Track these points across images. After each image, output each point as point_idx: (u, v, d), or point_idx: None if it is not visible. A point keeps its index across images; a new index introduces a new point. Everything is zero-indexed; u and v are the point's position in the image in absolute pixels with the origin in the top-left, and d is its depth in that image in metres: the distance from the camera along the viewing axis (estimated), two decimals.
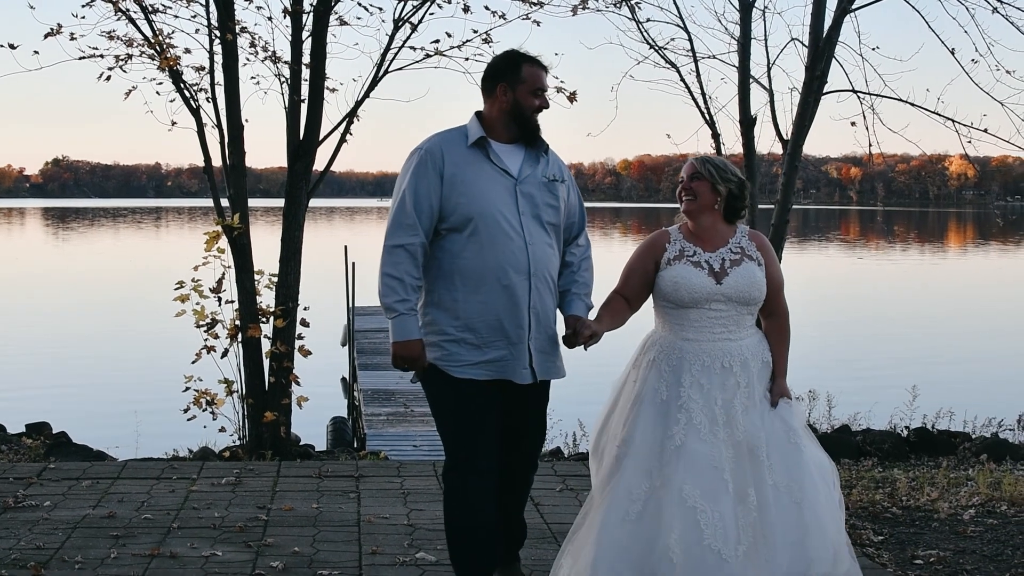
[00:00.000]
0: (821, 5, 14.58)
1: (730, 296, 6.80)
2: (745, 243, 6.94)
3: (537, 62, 6.92)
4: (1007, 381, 26.62)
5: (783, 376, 6.97)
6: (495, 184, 6.77)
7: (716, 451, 6.58)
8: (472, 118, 6.97)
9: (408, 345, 6.68)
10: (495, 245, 6.69)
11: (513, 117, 6.86)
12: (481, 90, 7.00)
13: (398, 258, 6.64)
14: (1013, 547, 8.88)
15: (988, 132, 14.72)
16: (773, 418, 6.76)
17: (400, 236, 6.67)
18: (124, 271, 62.13)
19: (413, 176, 6.71)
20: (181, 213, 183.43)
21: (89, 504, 9.50)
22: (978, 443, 14.35)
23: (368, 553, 8.31)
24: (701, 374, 6.77)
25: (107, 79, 13.93)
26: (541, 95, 6.91)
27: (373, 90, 14.17)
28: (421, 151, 6.80)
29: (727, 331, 6.85)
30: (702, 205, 6.92)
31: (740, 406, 6.71)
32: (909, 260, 77.94)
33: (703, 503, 6.46)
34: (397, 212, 6.71)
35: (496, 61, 6.99)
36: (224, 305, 13.47)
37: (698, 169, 6.96)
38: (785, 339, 7.07)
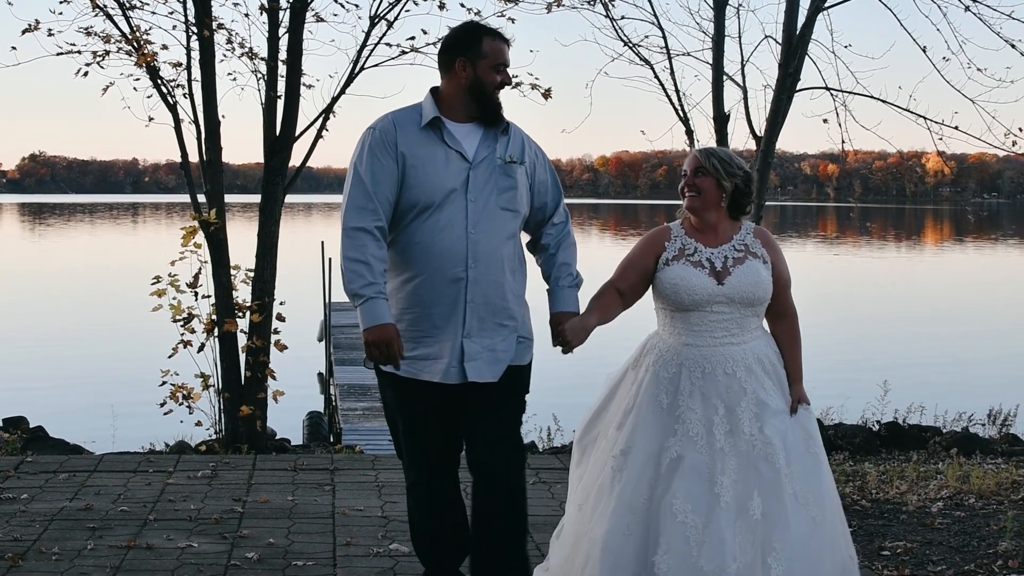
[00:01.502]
0: (794, 3, 14.65)
1: (732, 297, 6.45)
2: (750, 240, 6.59)
3: (499, 35, 6.50)
4: (978, 376, 26.79)
5: (799, 381, 6.60)
6: (447, 168, 6.37)
7: (712, 462, 6.26)
8: (427, 95, 6.56)
9: (381, 330, 6.20)
10: (431, 233, 6.31)
11: (472, 94, 6.44)
12: (438, 64, 6.60)
13: (361, 240, 6.22)
14: (979, 538, 8.98)
15: (959, 129, 14.78)
16: (792, 425, 6.40)
17: (359, 218, 6.25)
18: (101, 266, 62.03)
19: (368, 156, 6.35)
20: (158, 208, 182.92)
21: (66, 497, 9.55)
22: (948, 437, 14.44)
23: (342, 544, 8.37)
24: (702, 381, 6.43)
25: (84, 75, 13.99)
26: (503, 71, 6.50)
27: (349, 86, 14.24)
28: (374, 131, 6.42)
29: (730, 335, 6.49)
30: (707, 202, 6.54)
31: (747, 414, 6.34)
32: (883, 257, 78.13)
33: (693, 518, 6.16)
34: (354, 193, 6.31)
35: (454, 33, 6.57)
36: (200, 300, 13.54)
37: (702, 163, 6.55)
38: (796, 342, 6.70)
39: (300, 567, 7.86)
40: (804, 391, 6.58)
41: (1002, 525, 9.21)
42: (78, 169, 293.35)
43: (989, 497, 10.32)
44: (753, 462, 6.28)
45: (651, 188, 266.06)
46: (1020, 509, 9.86)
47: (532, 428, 15.77)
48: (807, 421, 6.47)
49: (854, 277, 59.15)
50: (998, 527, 9.22)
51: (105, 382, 26.10)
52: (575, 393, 18.25)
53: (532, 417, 14.74)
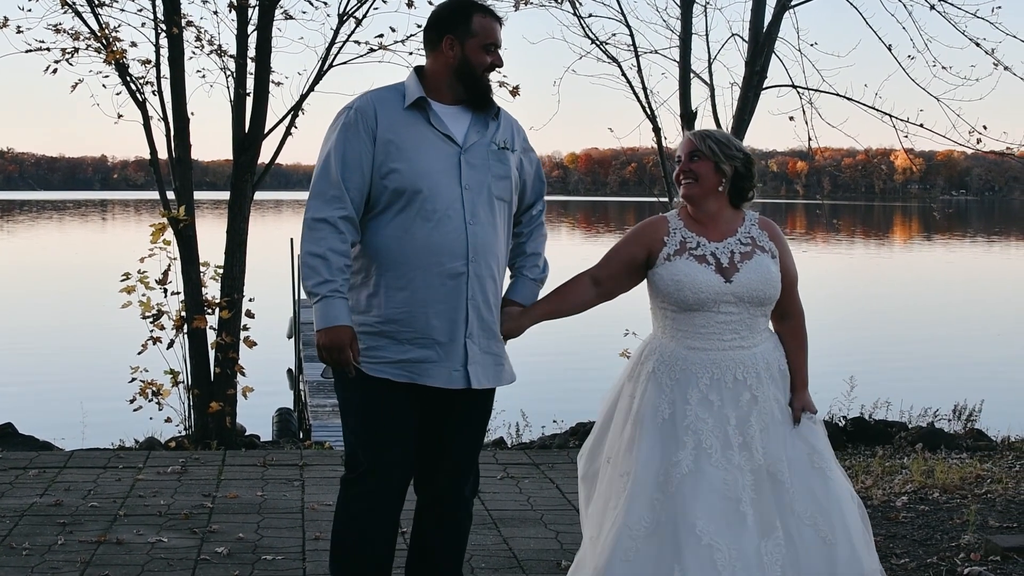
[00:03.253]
0: (761, 2, 14.72)
1: (742, 296, 5.91)
2: (756, 232, 6.05)
3: (491, 12, 5.99)
4: (943, 372, 26.95)
5: (805, 387, 6.07)
6: (436, 152, 5.84)
7: (732, 478, 5.75)
8: (410, 75, 6.05)
9: (334, 332, 5.66)
10: (428, 225, 5.76)
11: (460, 76, 5.92)
12: (424, 42, 6.08)
13: (320, 233, 5.69)
14: (942, 532, 9.06)
15: (925, 127, 14.86)
16: (795, 438, 5.92)
17: (323, 208, 5.73)
18: (70, 263, 61.84)
19: (341, 138, 5.81)
20: (127, 205, 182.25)
21: (36, 493, 9.57)
22: (914, 432, 14.51)
23: (311, 539, 8.43)
24: (710, 389, 5.88)
25: (54, 72, 14.02)
26: (494, 51, 5.96)
27: (318, 84, 14.30)
28: (350, 110, 5.87)
29: (739, 337, 5.95)
30: (705, 188, 5.99)
31: (757, 425, 5.85)
32: (850, 254, 78.36)
33: (719, 540, 5.62)
34: (320, 181, 5.79)
35: (442, 9, 6.02)
36: (170, 297, 13.56)
37: (697, 146, 6.01)
38: (804, 344, 6.17)
39: (269, 561, 7.91)
40: (810, 399, 6.09)
41: (965, 519, 9.30)
42: (46, 166, 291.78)
43: (953, 491, 10.40)
44: (766, 479, 5.81)
45: (621, 185, 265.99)
46: (983, 503, 9.96)
47: (501, 424, 15.84)
48: (810, 433, 5.98)
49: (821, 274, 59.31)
50: (961, 521, 9.31)
51: (74, 379, 26.06)
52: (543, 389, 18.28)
53: (501, 413, 14.86)
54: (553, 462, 10.97)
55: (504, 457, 11.25)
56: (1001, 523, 9.30)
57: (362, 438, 5.98)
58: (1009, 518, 9.48)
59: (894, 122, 14.98)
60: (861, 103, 14.86)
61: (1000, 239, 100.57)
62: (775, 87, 15.22)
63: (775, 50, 14.85)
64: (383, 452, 5.94)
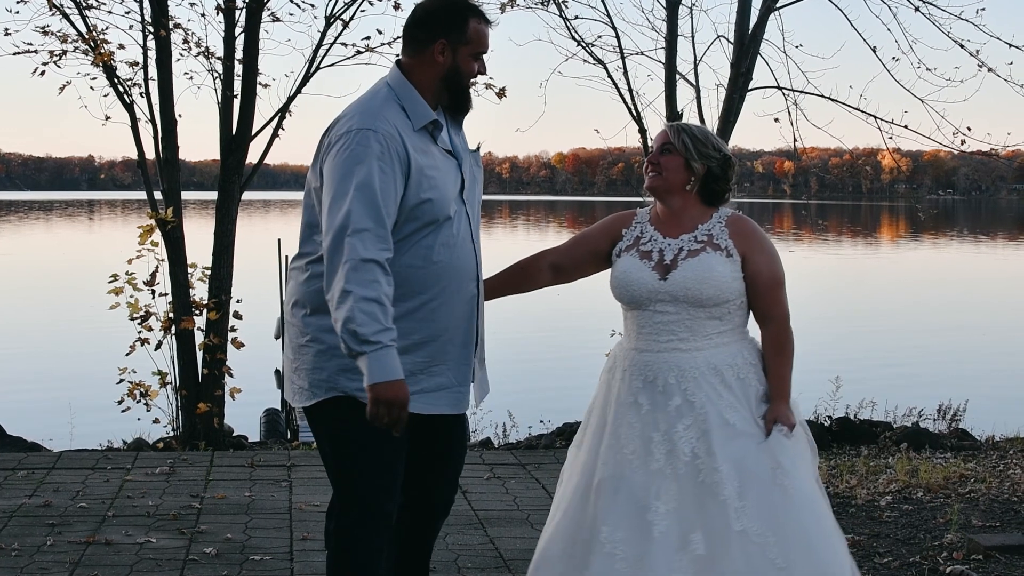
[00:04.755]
0: (746, 3, 14.77)
1: (676, 295, 5.63)
2: (717, 229, 5.71)
3: (484, 17, 5.56)
4: (928, 372, 26.98)
5: (780, 398, 5.65)
6: (448, 172, 5.48)
7: (647, 484, 5.50)
8: (400, 80, 5.51)
9: (398, 387, 5.12)
10: (448, 249, 5.41)
11: (448, 84, 5.50)
12: (407, 39, 5.58)
13: (372, 275, 5.08)
14: (926, 531, 9.13)
15: (909, 128, 14.94)
16: (760, 451, 5.51)
17: (370, 248, 5.10)
18: (57, 264, 61.74)
19: (377, 169, 5.18)
20: (115, 206, 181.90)
21: (25, 494, 9.61)
22: (899, 432, 14.57)
23: (299, 539, 8.49)
24: (641, 391, 5.66)
25: (42, 74, 14.04)
26: (481, 60, 5.58)
27: (305, 86, 14.33)
28: (377, 134, 5.23)
29: (676, 339, 5.66)
30: (670, 184, 5.75)
31: (688, 434, 5.53)
32: (837, 254, 78.40)
33: (622, 549, 5.44)
34: (362, 216, 5.12)
35: (435, 9, 5.51)
36: (158, 298, 13.58)
37: (671, 139, 5.76)
38: (782, 352, 5.74)
39: (257, 561, 7.96)
40: (787, 411, 5.65)
41: (948, 518, 9.36)
42: (33, 166, 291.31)
43: (937, 491, 10.47)
44: (694, 490, 5.48)
45: (608, 185, 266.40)
46: (966, 502, 10.03)
47: (488, 424, 15.85)
48: (778, 447, 5.51)
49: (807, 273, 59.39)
50: (944, 520, 9.38)
51: (63, 380, 25.99)
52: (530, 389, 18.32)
53: (488, 413, 14.90)
54: (539, 462, 11.01)
55: (491, 457, 11.30)
56: (984, 522, 9.37)
57: (367, 476, 5.49)
58: (992, 517, 9.55)
59: (879, 123, 15.04)
60: (846, 104, 14.92)
61: (987, 239, 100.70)
62: (760, 88, 15.28)
63: (760, 52, 14.90)
64: (387, 490, 5.53)
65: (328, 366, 5.40)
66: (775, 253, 5.81)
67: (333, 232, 5.15)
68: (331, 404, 5.45)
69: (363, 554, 5.54)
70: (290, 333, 5.59)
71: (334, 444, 5.58)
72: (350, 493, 5.57)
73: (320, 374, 5.43)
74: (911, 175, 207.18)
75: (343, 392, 5.39)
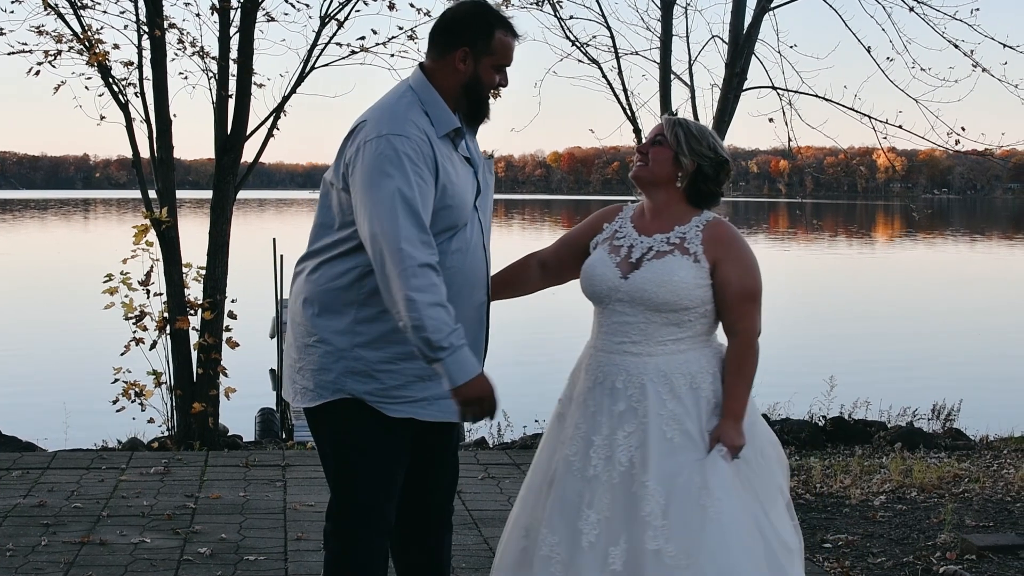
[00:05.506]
0: (741, 3, 14.78)
1: (633, 296, 5.39)
2: (692, 233, 5.43)
3: (512, 29, 5.44)
4: (923, 372, 27.01)
5: (729, 416, 5.31)
6: (466, 179, 5.41)
7: (583, 492, 5.35)
8: (423, 85, 5.41)
9: (478, 383, 5.11)
10: (461, 256, 5.34)
11: (468, 93, 5.41)
12: (432, 42, 5.46)
13: (431, 279, 5.04)
14: (919, 531, 9.16)
15: (904, 128, 14.99)
16: (694, 468, 5.21)
17: (422, 252, 5.03)
18: (52, 263, 61.70)
19: (414, 174, 5.11)
20: (110, 205, 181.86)
21: (19, 494, 9.61)
22: (893, 432, 14.60)
23: (293, 539, 8.48)
24: (590, 393, 5.48)
25: (36, 74, 14.09)
26: (504, 72, 5.48)
27: (300, 85, 14.35)
28: (409, 140, 5.16)
29: (630, 342, 5.42)
30: (656, 176, 5.51)
31: (628, 442, 5.30)
32: (832, 253, 78.44)
33: (560, 553, 5.32)
34: (408, 224, 5.05)
35: (463, 15, 5.41)
36: (153, 298, 13.59)
37: (664, 131, 5.54)
38: (739, 368, 5.39)
39: (252, 562, 7.96)
40: (733, 431, 5.29)
41: (942, 518, 9.39)
42: (28, 165, 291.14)
43: (931, 491, 10.50)
44: (627, 502, 5.26)
45: (603, 184, 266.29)
46: (960, 502, 10.05)
47: (482, 424, 15.88)
48: (712, 467, 5.20)
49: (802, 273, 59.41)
50: (938, 520, 9.40)
51: (57, 379, 26.00)
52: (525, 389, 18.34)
53: None
54: None
55: (485, 457, 11.31)
56: (978, 522, 9.40)
57: (369, 481, 5.47)
58: (986, 517, 9.57)
59: (873, 123, 15.08)
60: (840, 104, 14.96)
61: (982, 238, 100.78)
62: (755, 88, 15.31)
63: (755, 52, 14.93)
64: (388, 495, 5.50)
65: (335, 367, 5.35)
66: (751, 264, 5.49)
67: (381, 240, 5.08)
68: (336, 406, 5.40)
69: (362, 555, 5.49)
70: (295, 332, 5.50)
71: (336, 447, 5.54)
72: (350, 496, 5.53)
73: (326, 375, 5.37)
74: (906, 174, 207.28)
75: (349, 394, 5.34)
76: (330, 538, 5.62)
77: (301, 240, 5.70)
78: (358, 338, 5.30)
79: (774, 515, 5.34)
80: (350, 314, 5.31)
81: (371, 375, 5.30)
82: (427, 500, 5.80)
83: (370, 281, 5.22)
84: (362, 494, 5.47)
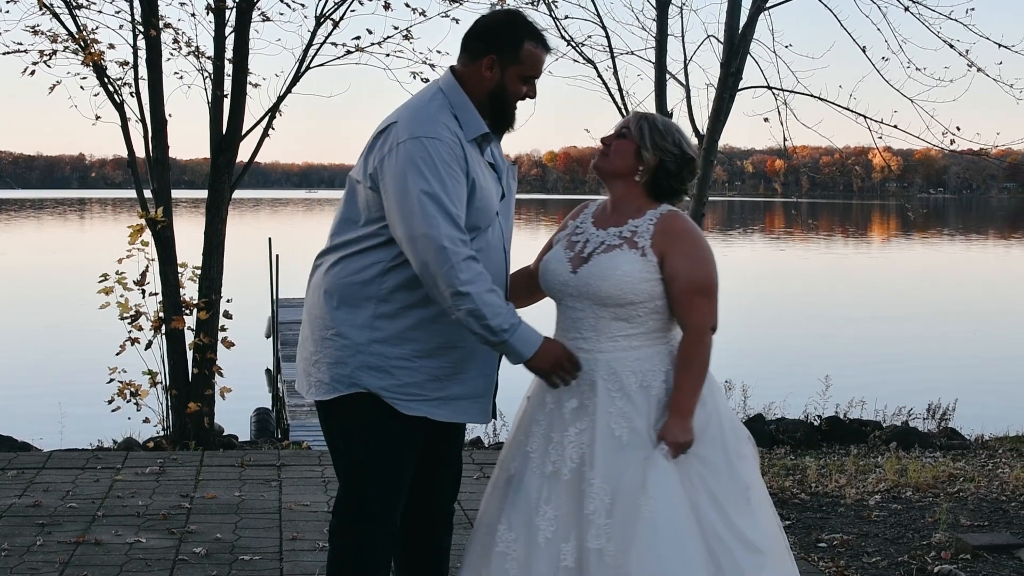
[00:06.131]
0: (736, 3, 14.78)
1: (581, 291, 5.35)
2: (644, 226, 5.34)
3: (543, 41, 5.43)
4: (918, 371, 27.06)
5: (675, 413, 5.22)
6: (491, 183, 5.42)
7: (541, 488, 5.32)
8: (454, 88, 5.43)
9: (547, 350, 5.23)
10: (481, 254, 5.26)
11: (493, 101, 5.40)
12: (463, 47, 5.48)
13: (478, 270, 5.10)
14: (914, 530, 9.17)
15: (899, 128, 14.99)
16: (636, 469, 5.17)
17: (464, 247, 5.08)
18: (48, 263, 61.69)
19: (447, 175, 5.15)
20: (105, 204, 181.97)
21: (15, 493, 9.60)
22: (888, 431, 14.64)
23: (289, 539, 8.46)
24: (546, 389, 5.42)
25: (32, 74, 14.04)
26: (532, 84, 5.45)
27: (295, 85, 14.35)
28: (442, 142, 5.19)
29: (581, 338, 5.36)
30: (614, 167, 5.47)
31: (579, 439, 5.27)
32: (828, 253, 78.51)
33: (516, 549, 5.29)
34: (447, 220, 5.09)
35: (494, 23, 5.45)
36: (148, 297, 13.58)
37: (629, 124, 5.48)
38: (687, 364, 5.29)
39: (247, 561, 7.95)
40: (678, 428, 5.21)
41: (937, 517, 9.39)
42: (24, 164, 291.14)
43: (926, 490, 10.51)
44: (577, 499, 5.23)
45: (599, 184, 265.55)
46: (955, 501, 10.07)
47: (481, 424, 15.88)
48: (651, 466, 5.14)
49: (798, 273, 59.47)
50: (933, 519, 9.41)
51: (53, 379, 26.02)
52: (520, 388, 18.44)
53: None
54: None
55: (480, 457, 11.30)
56: (972, 521, 9.41)
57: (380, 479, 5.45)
58: (980, 516, 9.59)
59: (868, 123, 15.08)
60: (835, 104, 14.95)
61: (977, 238, 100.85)
62: (750, 88, 15.31)
63: (750, 51, 14.92)
64: (397, 495, 5.49)
65: (351, 361, 5.34)
66: (702, 258, 5.37)
67: (422, 242, 5.11)
68: (350, 401, 5.39)
69: (366, 552, 5.47)
70: (313, 325, 5.49)
71: (349, 441, 5.51)
72: (359, 491, 5.50)
73: (343, 369, 5.36)
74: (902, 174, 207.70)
75: (365, 389, 5.33)
76: (335, 533, 5.58)
77: (297, 240, 5.73)
78: (376, 333, 5.30)
79: (737, 515, 5.24)
80: (369, 308, 5.31)
81: (388, 371, 5.30)
82: (431, 500, 5.81)
83: (391, 277, 5.27)
84: (371, 490, 5.45)
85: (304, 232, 14.38)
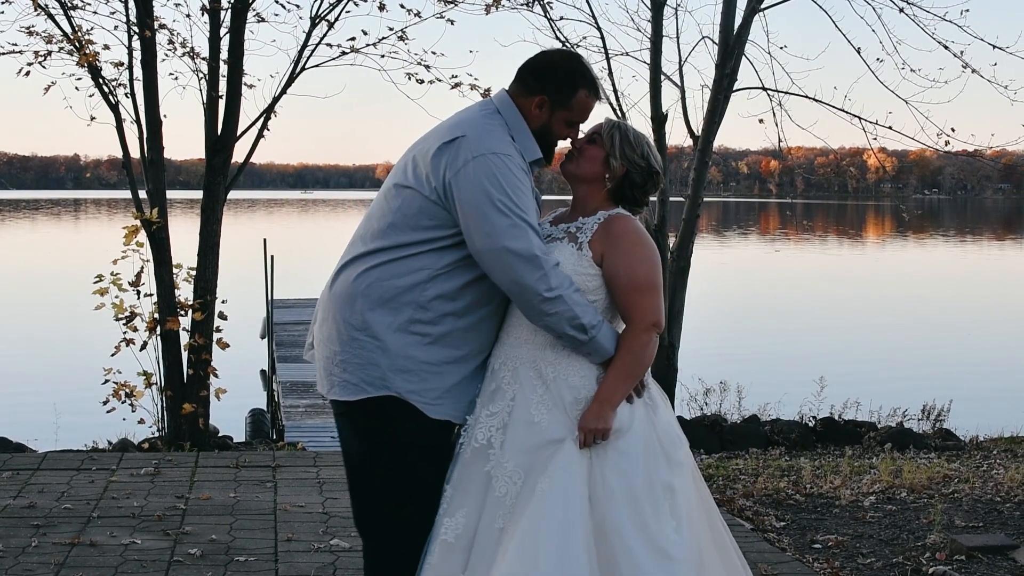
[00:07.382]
0: (731, 4, 14.83)
1: None
2: (590, 224, 5.45)
3: (597, 92, 5.57)
4: (913, 372, 27.06)
5: (597, 400, 5.25)
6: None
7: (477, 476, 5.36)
8: (512, 112, 5.53)
9: None
10: None
11: (538, 138, 5.53)
12: (518, 76, 5.59)
13: (563, 273, 5.27)
14: (909, 531, 9.18)
15: (893, 129, 15.03)
16: (545, 458, 5.23)
17: (550, 257, 5.27)
18: (43, 264, 61.66)
19: (524, 189, 5.33)
20: (100, 205, 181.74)
21: (9, 495, 9.59)
22: (883, 432, 14.65)
23: (284, 540, 8.46)
24: (490, 379, 5.47)
25: (26, 75, 14.04)
26: (576, 128, 5.61)
27: (291, 86, 14.35)
28: (514, 158, 5.38)
29: (510, 326, 5.48)
30: (581, 172, 5.59)
31: (490, 421, 5.35)
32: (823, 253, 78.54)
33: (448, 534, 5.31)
34: (532, 232, 5.24)
35: (554, 67, 5.55)
36: (143, 298, 13.57)
37: (601, 131, 5.58)
38: (620, 355, 5.33)
39: (242, 562, 7.95)
40: (592, 416, 5.25)
41: (931, 518, 9.42)
42: (19, 164, 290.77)
43: (920, 491, 10.52)
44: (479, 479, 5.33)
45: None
46: (949, 502, 10.08)
47: None
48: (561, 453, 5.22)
49: (793, 273, 59.48)
50: (927, 520, 9.43)
51: (47, 380, 26.01)
52: None
53: None
54: None
55: None
56: (967, 522, 9.42)
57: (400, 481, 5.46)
58: (975, 517, 9.60)
59: (863, 124, 15.12)
60: (830, 105, 14.99)
61: (972, 238, 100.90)
62: (745, 89, 15.35)
63: (745, 53, 14.98)
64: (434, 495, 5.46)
65: (383, 363, 5.34)
66: (642, 256, 5.41)
67: (510, 255, 5.21)
68: (378, 403, 5.38)
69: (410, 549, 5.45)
70: (339, 326, 5.45)
71: (372, 443, 5.50)
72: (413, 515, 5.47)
73: (373, 371, 5.36)
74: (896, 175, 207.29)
75: (395, 393, 5.34)
76: (368, 537, 5.62)
77: (293, 241, 5.72)
78: (410, 338, 5.32)
79: (652, 517, 5.19)
80: (407, 313, 5.33)
81: (418, 375, 5.33)
82: None
83: (434, 286, 5.31)
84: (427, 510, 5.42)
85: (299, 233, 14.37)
